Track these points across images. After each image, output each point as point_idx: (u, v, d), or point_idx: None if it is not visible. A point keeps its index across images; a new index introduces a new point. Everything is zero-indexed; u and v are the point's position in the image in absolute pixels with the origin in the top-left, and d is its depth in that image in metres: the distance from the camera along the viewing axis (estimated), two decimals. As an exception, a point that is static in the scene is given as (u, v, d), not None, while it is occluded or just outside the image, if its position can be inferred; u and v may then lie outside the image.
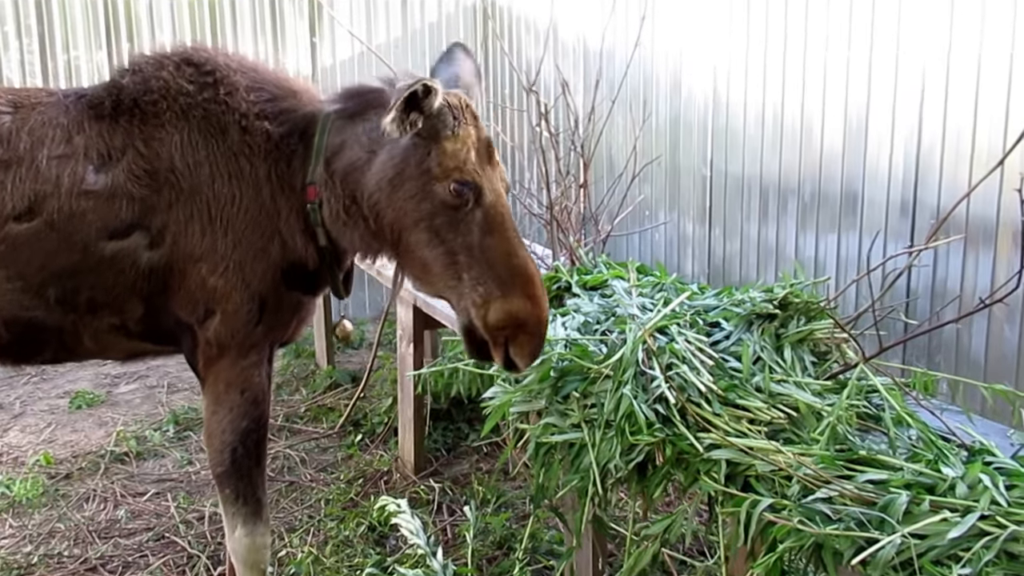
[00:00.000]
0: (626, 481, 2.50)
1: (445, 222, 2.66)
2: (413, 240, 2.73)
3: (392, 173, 2.71)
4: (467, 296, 2.66)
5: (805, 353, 2.66)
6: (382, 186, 2.73)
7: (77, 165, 2.80)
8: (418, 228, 2.70)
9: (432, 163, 2.65)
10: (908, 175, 4.09)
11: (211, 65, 2.97)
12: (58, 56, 6.88)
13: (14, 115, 2.84)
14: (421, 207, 2.68)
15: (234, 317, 2.91)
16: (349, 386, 6.15)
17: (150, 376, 6.65)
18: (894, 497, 1.93)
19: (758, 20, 4.88)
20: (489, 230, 2.65)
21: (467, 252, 2.65)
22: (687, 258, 5.69)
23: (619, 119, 5.97)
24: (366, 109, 2.83)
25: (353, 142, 2.82)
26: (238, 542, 3.12)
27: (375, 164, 2.75)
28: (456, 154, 2.66)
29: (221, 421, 3.02)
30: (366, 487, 4.75)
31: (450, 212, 2.65)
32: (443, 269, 2.69)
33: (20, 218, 2.76)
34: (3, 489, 4.77)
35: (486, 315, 2.61)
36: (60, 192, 2.77)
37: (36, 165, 2.78)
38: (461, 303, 2.69)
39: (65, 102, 2.92)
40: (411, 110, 2.58)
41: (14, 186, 2.76)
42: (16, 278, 2.81)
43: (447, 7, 7.98)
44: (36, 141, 2.80)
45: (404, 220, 2.72)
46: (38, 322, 2.88)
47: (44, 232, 2.78)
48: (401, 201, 2.71)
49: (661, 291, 3.21)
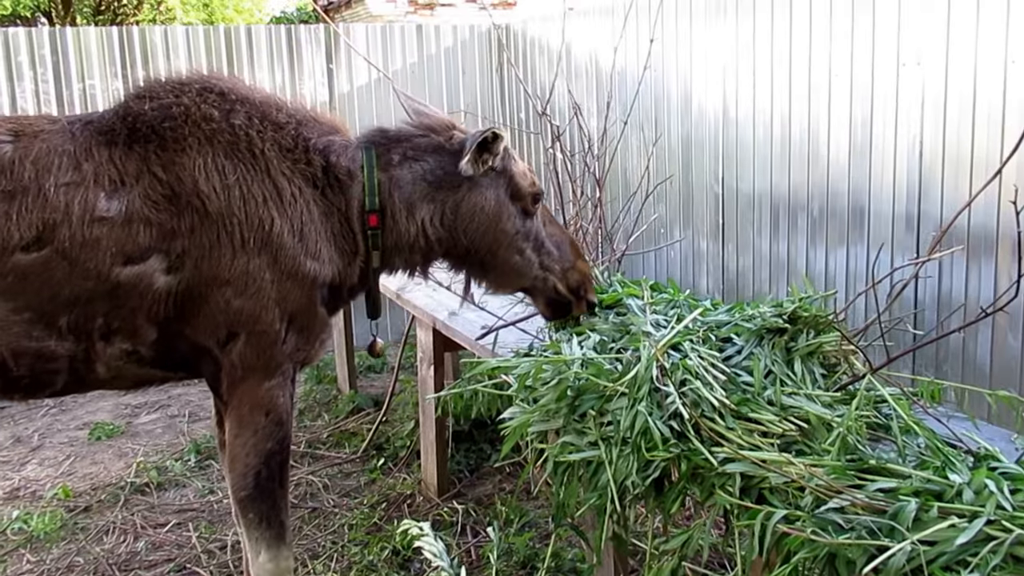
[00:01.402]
0: (644, 497, 2.53)
1: (528, 228, 3.30)
2: (504, 255, 3.29)
3: (491, 205, 3.21)
4: (551, 275, 3.33)
5: (815, 366, 2.70)
6: (483, 218, 3.21)
7: (88, 192, 2.76)
8: (513, 243, 3.27)
9: (517, 187, 3.26)
10: (912, 188, 4.14)
11: (236, 93, 3.04)
12: (73, 85, 6.87)
13: (16, 143, 2.78)
14: (515, 224, 3.26)
15: (261, 338, 2.93)
16: (371, 410, 6.11)
17: (171, 405, 6.59)
18: (903, 505, 1.96)
19: (763, 38, 4.96)
20: (547, 220, 3.39)
21: (544, 244, 3.33)
22: (702, 274, 5.74)
23: (632, 139, 6.05)
24: (420, 152, 3.22)
25: (419, 179, 3.18)
26: (262, 568, 3.10)
27: (464, 206, 3.20)
28: (525, 173, 3.32)
29: (245, 444, 3.01)
30: (390, 511, 4.72)
31: (529, 221, 3.30)
32: (532, 266, 3.32)
33: (28, 248, 2.70)
34: (21, 524, 4.68)
35: (568, 281, 3.34)
36: (71, 220, 2.72)
37: (43, 194, 2.71)
38: (547, 284, 3.34)
39: (71, 129, 2.88)
40: (482, 152, 3.13)
41: (20, 216, 2.69)
42: (24, 309, 2.75)
43: (462, 33, 8.02)
44: (42, 169, 2.74)
45: (500, 240, 3.26)
46: (49, 352, 2.82)
47: (55, 261, 2.72)
48: (501, 226, 3.24)
49: (674, 308, 3.26)
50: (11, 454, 5.83)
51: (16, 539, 4.59)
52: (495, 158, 3.17)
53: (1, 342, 2.77)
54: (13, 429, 6.29)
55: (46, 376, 2.89)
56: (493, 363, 3.00)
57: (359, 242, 3.15)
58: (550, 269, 3.33)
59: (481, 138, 3.09)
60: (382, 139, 3.23)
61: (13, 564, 4.35)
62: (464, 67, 8.08)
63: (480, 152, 3.14)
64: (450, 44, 8.00)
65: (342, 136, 3.19)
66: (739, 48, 5.15)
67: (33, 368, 2.84)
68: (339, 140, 3.15)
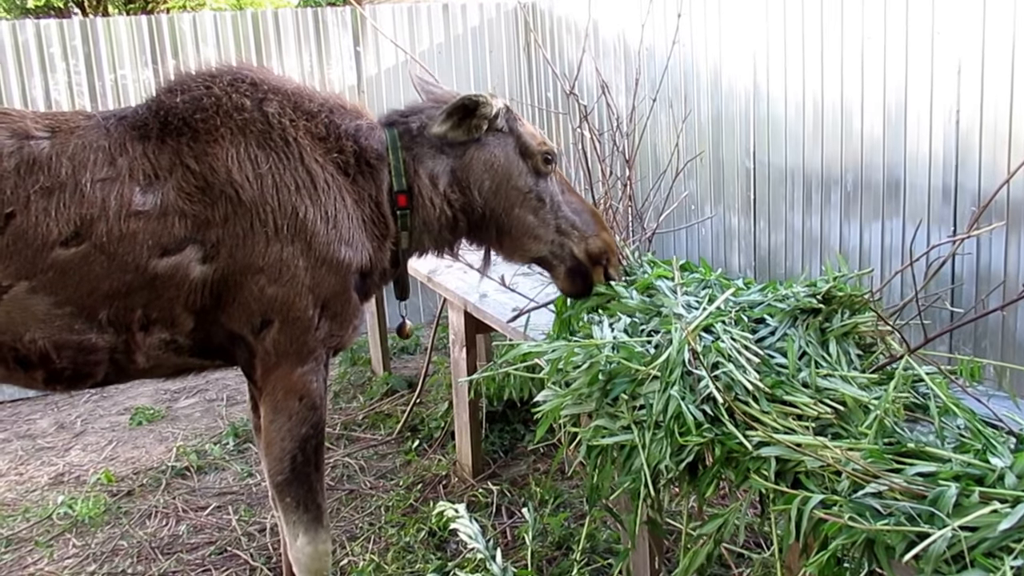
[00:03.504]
0: (678, 481, 2.51)
1: (542, 189, 3.30)
2: (519, 214, 3.29)
3: (500, 161, 3.25)
4: (568, 242, 3.32)
5: (850, 346, 2.65)
6: (495, 178, 3.25)
7: (123, 187, 2.80)
8: (526, 202, 3.28)
9: (525, 145, 3.27)
10: (948, 160, 4.06)
11: (268, 83, 3.07)
12: (105, 76, 6.91)
13: (52, 140, 2.82)
14: (527, 182, 3.27)
15: (295, 324, 2.96)
16: (405, 392, 6.17)
17: (209, 389, 6.70)
18: (943, 490, 1.92)
19: (795, 10, 4.87)
20: (565, 188, 3.38)
21: (560, 207, 3.32)
22: (733, 251, 5.68)
23: (661, 116, 5.98)
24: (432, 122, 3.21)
25: (436, 152, 3.23)
26: (300, 551, 3.13)
27: (475, 164, 3.24)
28: (534, 132, 3.33)
29: (280, 429, 3.04)
30: (425, 492, 4.77)
31: (542, 181, 3.31)
32: (548, 228, 3.32)
33: (67, 243, 2.75)
34: (66, 509, 4.80)
35: (588, 248, 3.33)
36: (108, 215, 2.77)
37: (80, 190, 2.76)
38: (564, 250, 3.33)
39: (105, 124, 2.92)
40: (467, 118, 3.15)
41: (59, 212, 2.74)
42: (66, 303, 2.79)
43: (488, 12, 7.97)
44: (78, 165, 2.79)
45: (513, 199, 3.28)
46: (90, 345, 2.87)
47: (93, 255, 2.77)
48: (512, 183, 3.26)
49: (706, 288, 3.22)
50: (55, 440, 5.96)
51: (62, 524, 4.69)
52: (492, 120, 3.22)
53: (44, 335, 2.82)
54: (56, 415, 6.42)
55: (88, 368, 2.93)
56: (525, 348, 2.98)
57: (389, 224, 3.19)
58: (567, 234, 3.32)
59: (458, 103, 3.12)
60: (399, 118, 3.29)
61: (60, 548, 4.45)
62: (491, 47, 8.02)
63: (464, 117, 3.17)
64: (476, 24, 7.94)
65: (367, 120, 3.23)
66: (769, 20, 5.07)
67: (75, 360, 2.89)
68: (365, 124, 3.19)
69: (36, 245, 2.73)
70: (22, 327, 2.80)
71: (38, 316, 2.79)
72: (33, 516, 4.80)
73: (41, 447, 5.86)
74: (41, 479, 5.34)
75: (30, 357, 2.86)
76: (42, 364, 2.88)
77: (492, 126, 3.25)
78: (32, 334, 2.81)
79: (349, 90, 7.51)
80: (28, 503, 4.99)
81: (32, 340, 2.82)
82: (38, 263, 2.74)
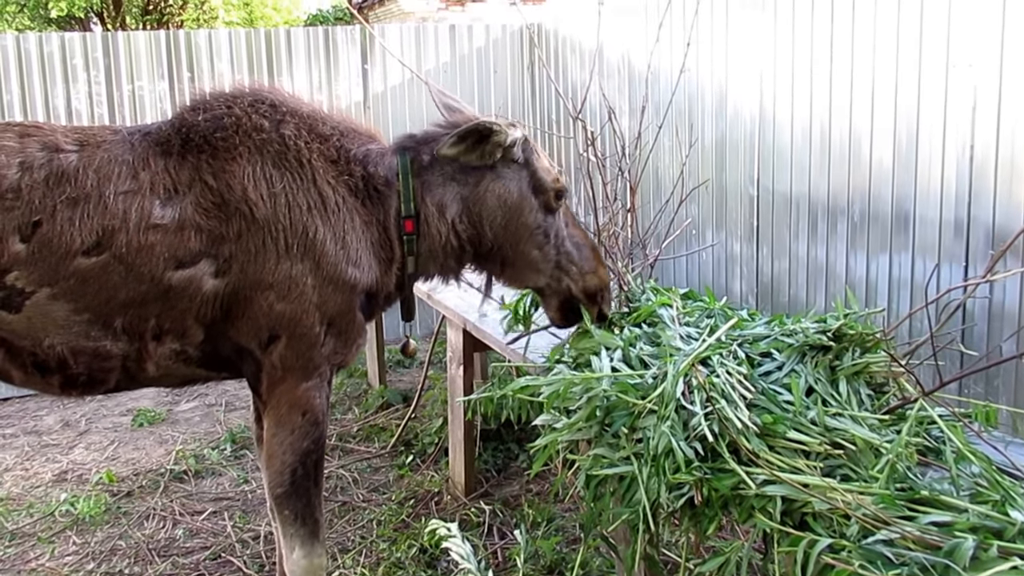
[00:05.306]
0: (678, 515, 2.45)
1: (549, 224, 3.28)
2: (524, 249, 3.28)
3: (513, 198, 3.23)
4: (566, 278, 3.33)
5: (861, 386, 2.58)
6: (507, 214, 3.23)
7: (144, 200, 2.89)
8: (533, 237, 3.26)
9: (540, 181, 3.25)
10: (961, 193, 3.97)
11: (287, 105, 3.15)
12: (123, 87, 7.18)
13: (80, 153, 2.92)
14: (537, 219, 3.26)
15: (301, 340, 3.02)
16: (401, 406, 6.23)
17: (209, 394, 6.88)
18: (960, 542, 1.85)
19: (803, 37, 4.82)
20: (569, 222, 3.38)
21: (564, 243, 3.32)
22: (735, 278, 5.62)
23: (665, 141, 5.92)
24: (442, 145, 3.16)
25: (448, 180, 3.22)
26: (296, 563, 3.18)
27: (488, 197, 3.22)
28: (548, 167, 3.31)
29: (283, 442, 3.11)
30: (417, 508, 4.79)
31: (551, 217, 3.29)
32: (549, 263, 3.31)
33: (89, 252, 2.83)
34: (68, 507, 4.96)
35: (585, 285, 3.33)
36: (128, 226, 2.86)
37: (104, 201, 2.86)
38: (561, 284, 3.34)
39: (130, 139, 3.01)
40: (481, 143, 3.11)
41: (82, 222, 2.83)
42: (84, 310, 2.88)
43: (494, 32, 8.08)
44: (103, 178, 2.88)
45: (522, 234, 3.26)
46: (104, 351, 2.96)
47: (112, 265, 2.86)
48: (523, 219, 3.24)
49: (709, 318, 3.16)
50: (60, 438, 6.19)
51: (63, 521, 4.87)
52: (507, 150, 3.19)
53: (62, 341, 2.92)
54: (62, 413, 6.67)
55: (101, 374, 3.03)
56: (522, 382, 2.94)
57: (395, 248, 3.24)
58: (566, 270, 3.33)
59: (472, 127, 3.08)
60: (412, 143, 3.30)
61: (60, 545, 4.61)
62: (496, 66, 8.14)
63: (477, 142, 3.12)
64: (482, 44, 8.05)
65: (378, 144, 3.29)
66: (777, 46, 5.01)
67: (90, 366, 2.99)
68: (376, 149, 3.25)
69: (60, 253, 2.82)
70: (42, 332, 2.89)
71: (58, 322, 2.88)
72: (37, 512, 4.97)
73: (46, 444, 6.06)
74: (45, 475, 5.53)
75: (48, 362, 2.95)
76: (59, 369, 2.97)
77: (507, 156, 3.22)
78: (51, 339, 2.90)
79: (355, 106, 7.68)
80: (32, 499, 5.18)
81: (51, 345, 2.91)
82: (60, 271, 2.83)
